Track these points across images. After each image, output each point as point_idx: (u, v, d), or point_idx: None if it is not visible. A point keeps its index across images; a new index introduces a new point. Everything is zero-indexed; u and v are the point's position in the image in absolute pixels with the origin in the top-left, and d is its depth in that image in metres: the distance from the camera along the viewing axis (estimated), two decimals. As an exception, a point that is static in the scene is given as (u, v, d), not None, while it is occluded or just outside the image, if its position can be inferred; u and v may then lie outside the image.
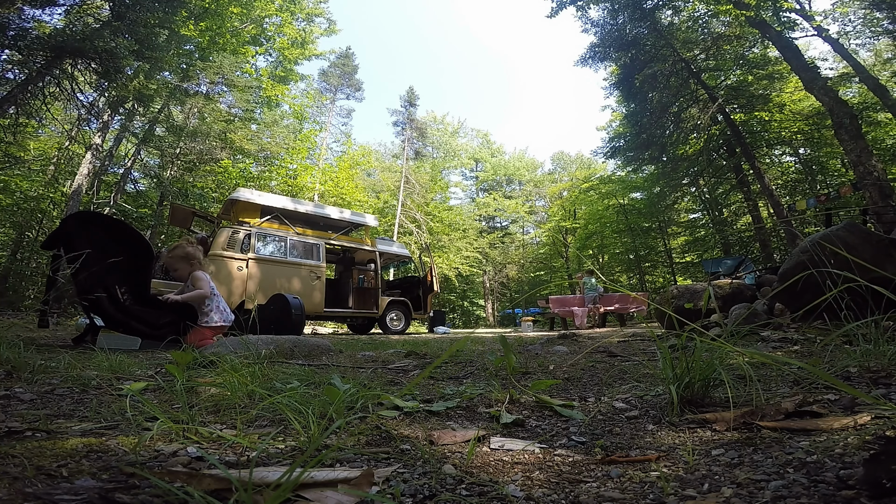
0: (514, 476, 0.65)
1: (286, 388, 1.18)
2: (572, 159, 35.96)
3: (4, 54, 8.30)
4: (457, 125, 35.53)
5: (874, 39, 13.58)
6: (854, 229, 2.48)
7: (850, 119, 9.02)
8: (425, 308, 10.09)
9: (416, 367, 2.02)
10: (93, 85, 9.51)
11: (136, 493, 0.53)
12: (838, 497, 0.49)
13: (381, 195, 26.95)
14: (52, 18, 9.84)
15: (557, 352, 2.63)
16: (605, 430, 0.90)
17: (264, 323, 4.27)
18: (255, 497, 0.48)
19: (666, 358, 1.05)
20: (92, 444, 0.74)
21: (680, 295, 4.17)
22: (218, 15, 14.77)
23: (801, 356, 1.68)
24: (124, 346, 2.74)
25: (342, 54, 27.36)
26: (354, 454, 0.75)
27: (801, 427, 0.77)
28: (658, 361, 1.30)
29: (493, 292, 31.57)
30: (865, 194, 8.72)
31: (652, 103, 15.35)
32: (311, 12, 19.99)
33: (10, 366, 1.45)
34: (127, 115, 13.59)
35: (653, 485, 0.59)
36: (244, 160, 17.56)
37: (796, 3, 10.84)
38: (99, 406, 1.05)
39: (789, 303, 2.77)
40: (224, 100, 15.89)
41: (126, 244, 2.97)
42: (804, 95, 13.39)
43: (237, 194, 8.08)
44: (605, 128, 22.22)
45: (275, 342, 2.32)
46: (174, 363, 1.37)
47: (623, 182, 21.66)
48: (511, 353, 1.54)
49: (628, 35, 14.64)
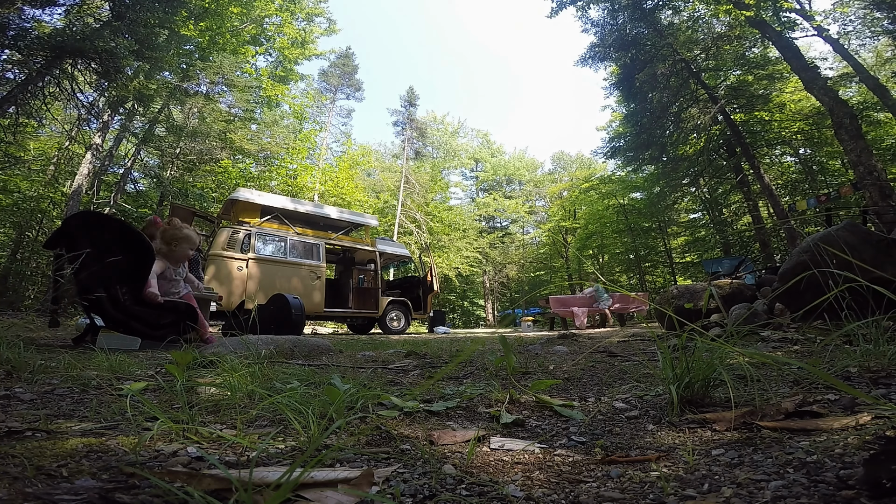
0: (514, 476, 0.65)
1: (286, 388, 1.18)
2: (572, 159, 35.96)
3: (4, 54, 8.30)
4: (457, 125, 35.55)
5: (874, 39, 13.58)
6: (854, 229, 2.48)
7: (850, 119, 9.02)
8: (425, 308, 10.09)
9: (416, 367, 2.02)
10: (93, 85, 9.50)
11: (136, 493, 0.53)
12: (838, 497, 0.49)
13: (381, 195, 26.96)
14: (52, 18, 9.85)
15: (557, 352, 2.63)
16: (605, 430, 0.90)
17: (264, 323, 4.27)
18: (256, 497, 0.48)
19: (666, 358, 1.05)
20: (92, 444, 0.74)
21: (680, 295, 4.17)
22: (218, 15, 14.77)
23: (801, 356, 1.68)
24: (124, 346, 2.74)
25: (342, 54, 27.37)
26: (354, 454, 0.75)
27: (801, 427, 0.77)
28: (658, 361, 1.30)
29: (493, 292, 31.57)
30: (865, 194, 8.72)
31: (652, 103, 15.35)
32: (311, 12, 19.99)
33: (10, 366, 1.45)
34: (127, 115, 13.59)
35: (653, 485, 0.59)
36: (244, 160, 17.57)
37: (796, 3, 10.84)
38: (99, 406, 1.05)
39: (789, 303, 2.77)
40: (224, 100, 15.89)
41: (127, 244, 2.97)
42: (804, 95, 13.40)
43: (237, 194, 8.08)
44: (605, 128, 22.22)
45: (275, 342, 2.32)
46: (174, 363, 1.37)
47: (623, 182, 21.65)
48: (511, 353, 1.54)
49: (628, 35, 14.64)
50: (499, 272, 31.64)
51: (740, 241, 17.20)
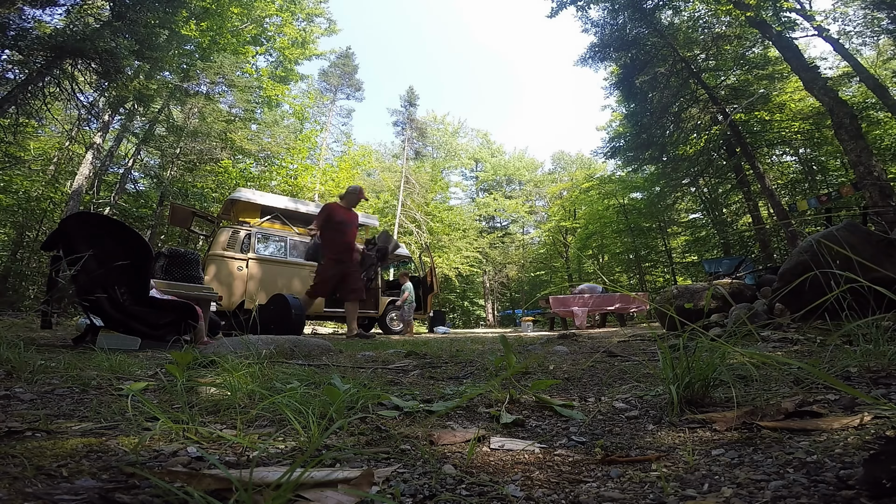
0: (514, 476, 0.65)
1: (286, 388, 1.18)
2: (572, 159, 35.94)
3: (4, 54, 8.30)
4: (457, 125, 35.52)
5: (875, 39, 13.57)
6: (854, 229, 2.48)
7: (850, 119, 9.01)
8: (425, 308, 10.09)
9: (416, 367, 2.02)
10: (93, 85, 9.50)
11: (136, 493, 0.53)
12: (838, 497, 0.49)
13: (382, 195, 26.96)
14: (53, 18, 9.84)
15: (557, 352, 2.63)
16: (605, 430, 0.90)
17: (264, 323, 4.27)
18: (256, 497, 0.48)
19: (666, 358, 1.05)
20: (92, 444, 0.74)
21: (679, 295, 4.17)
22: (218, 15, 14.77)
23: (801, 356, 1.68)
24: (124, 346, 2.74)
25: (342, 54, 27.37)
26: (354, 454, 0.75)
27: (801, 427, 0.77)
28: (658, 361, 1.30)
29: (493, 292, 31.56)
30: (865, 194, 8.71)
31: (652, 103, 15.34)
32: (311, 12, 20.00)
33: (11, 366, 1.45)
34: (127, 115, 13.60)
35: (653, 485, 0.59)
36: (244, 160, 17.56)
37: (796, 4, 10.83)
38: (99, 406, 1.05)
39: (789, 303, 2.77)
40: (224, 100, 15.89)
41: (125, 244, 2.97)
42: (804, 95, 13.39)
43: (237, 194, 8.08)
44: (605, 128, 22.22)
45: (275, 342, 2.32)
46: (174, 363, 1.37)
47: (623, 182, 21.65)
48: (512, 353, 1.54)
49: (628, 35, 14.63)
50: (499, 272, 31.64)
51: (740, 241, 17.19)
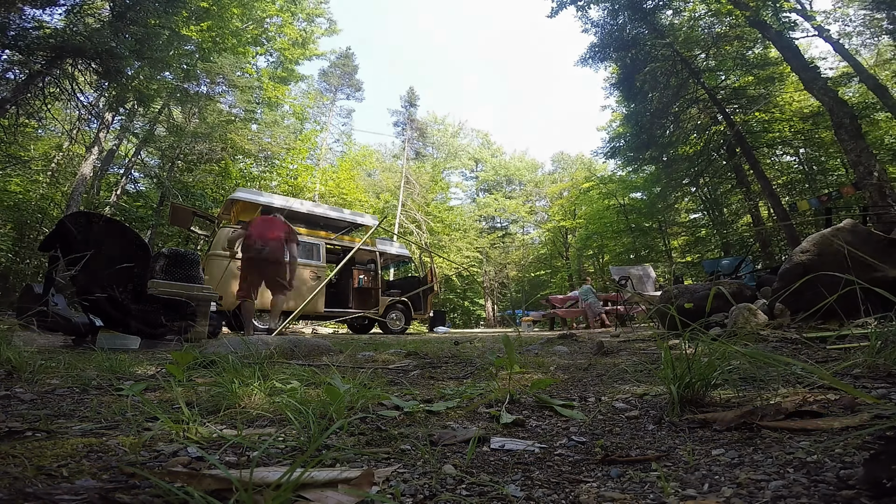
0: (514, 476, 0.65)
1: (286, 388, 1.18)
2: (572, 160, 35.95)
3: (4, 54, 8.30)
4: (457, 126, 35.56)
5: (875, 39, 13.58)
6: (854, 229, 2.48)
7: (850, 119, 9.01)
8: (425, 308, 10.09)
9: (417, 367, 2.02)
10: (93, 85, 9.51)
11: (136, 493, 0.53)
12: (838, 497, 0.49)
13: (382, 195, 26.98)
14: (53, 18, 9.83)
15: (557, 352, 2.63)
16: (605, 430, 0.90)
17: None
18: (256, 497, 0.48)
19: (666, 358, 1.05)
20: (92, 444, 0.74)
21: (679, 295, 4.17)
22: (219, 15, 14.78)
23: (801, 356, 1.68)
24: (124, 346, 2.74)
25: (342, 54, 27.39)
26: (354, 454, 0.75)
27: (801, 427, 0.77)
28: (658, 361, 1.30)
29: (493, 292, 31.57)
30: (865, 194, 8.71)
31: (652, 103, 15.34)
32: (311, 12, 20.02)
33: (11, 366, 1.45)
34: (127, 115, 13.61)
35: (653, 485, 0.59)
36: (244, 160, 17.57)
37: (796, 4, 10.83)
38: (99, 406, 1.05)
39: (790, 303, 2.77)
40: (225, 100, 15.90)
41: (124, 244, 2.97)
42: (804, 95, 13.39)
43: (237, 194, 8.07)
44: (606, 128, 22.25)
45: (275, 342, 2.32)
46: (174, 363, 1.37)
47: (623, 182, 21.67)
48: (514, 353, 1.54)
49: (628, 35, 14.64)
50: (499, 272, 31.64)
51: (740, 241, 17.20)
